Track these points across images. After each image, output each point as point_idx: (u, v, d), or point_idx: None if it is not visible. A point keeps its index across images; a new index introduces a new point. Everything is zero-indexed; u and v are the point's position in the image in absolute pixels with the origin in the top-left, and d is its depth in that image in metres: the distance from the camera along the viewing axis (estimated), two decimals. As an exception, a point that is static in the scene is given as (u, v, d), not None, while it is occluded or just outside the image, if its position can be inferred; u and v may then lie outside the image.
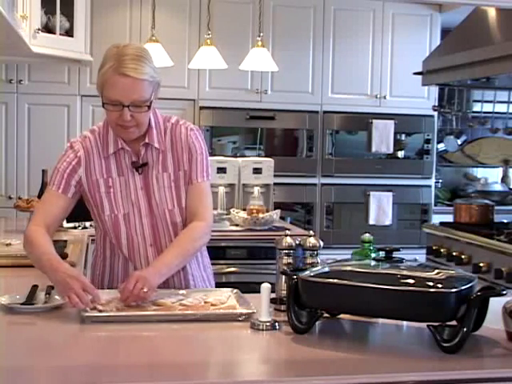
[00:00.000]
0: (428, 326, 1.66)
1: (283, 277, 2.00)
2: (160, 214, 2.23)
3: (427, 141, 5.56)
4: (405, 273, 1.71)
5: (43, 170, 3.92)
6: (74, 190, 2.22)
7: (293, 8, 5.31)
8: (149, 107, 2.13)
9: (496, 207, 4.19)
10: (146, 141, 2.22)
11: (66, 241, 3.15)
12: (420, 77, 4.27)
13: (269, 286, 1.82)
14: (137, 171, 2.22)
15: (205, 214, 2.26)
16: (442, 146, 5.98)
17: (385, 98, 5.48)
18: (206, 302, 1.99)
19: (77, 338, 1.78)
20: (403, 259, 1.81)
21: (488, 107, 4.52)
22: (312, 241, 2.03)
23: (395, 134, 5.44)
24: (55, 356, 1.61)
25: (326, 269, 1.83)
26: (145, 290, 1.95)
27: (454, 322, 1.65)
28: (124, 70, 2.07)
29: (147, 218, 2.23)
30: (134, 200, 2.23)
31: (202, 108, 5.21)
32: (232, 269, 3.78)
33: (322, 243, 2.05)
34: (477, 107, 4.92)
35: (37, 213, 2.25)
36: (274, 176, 4.32)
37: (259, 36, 4.42)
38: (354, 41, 5.42)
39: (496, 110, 4.45)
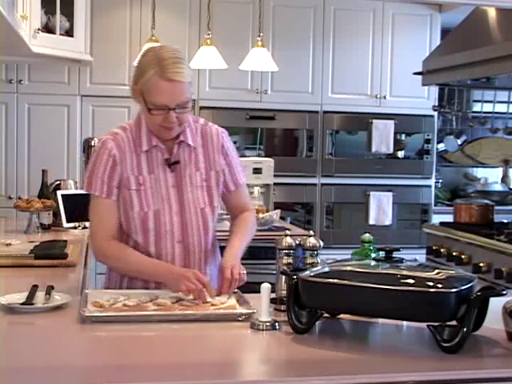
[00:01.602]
0: (428, 326, 1.66)
1: (283, 277, 2.00)
2: (192, 212, 2.26)
3: (427, 141, 5.56)
4: (405, 273, 1.71)
5: (43, 170, 3.93)
6: (116, 192, 2.24)
7: (293, 8, 5.32)
8: (192, 106, 2.22)
9: (496, 207, 4.19)
10: (181, 138, 2.25)
11: (65, 241, 3.15)
12: (420, 77, 4.27)
13: (269, 286, 1.82)
14: (169, 168, 2.25)
15: (249, 205, 2.46)
16: (442, 146, 5.98)
17: (385, 98, 5.48)
18: (206, 302, 1.99)
19: (77, 338, 1.78)
20: (403, 259, 1.81)
21: (488, 107, 4.52)
22: (312, 241, 2.03)
23: (395, 134, 5.44)
24: (55, 356, 1.61)
25: (326, 269, 1.83)
26: (242, 271, 2.10)
27: (454, 322, 1.65)
28: (169, 76, 2.11)
29: (177, 216, 2.25)
30: (164, 197, 2.24)
31: (202, 108, 5.21)
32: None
33: (322, 243, 2.05)
34: (477, 107, 4.92)
35: (97, 226, 2.27)
36: (274, 176, 4.32)
37: (259, 36, 4.42)
38: (354, 41, 5.42)
39: (496, 110, 4.45)
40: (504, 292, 1.67)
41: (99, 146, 2.26)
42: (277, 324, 1.79)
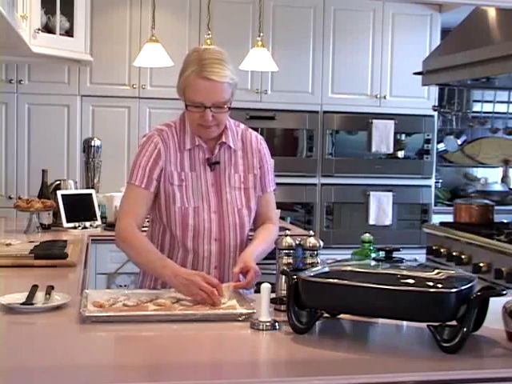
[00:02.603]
0: (428, 326, 1.66)
1: (283, 277, 2.00)
2: (229, 212, 2.31)
3: (427, 141, 5.56)
4: (405, 273, 1.71)
5: (43, 170, 3.93)
6: (155, 184, 2.28)
7: (293, 8, 5.31)
8: (229, 108, 2.25)
9: (496, 207, 4.19)
10: (223, 140, 2.31)
11: (65, 241, 3.15)
12: (420, 77, 4.27)
13: (269, 286, 1.82)
14: (209, 167, 2.30)
15: (274, 218, 2.47)
16: (442, 146, 5.98)
17: (385, 98, 5.48)
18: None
19: (77, 338, 1.78)
20: (403, 259, 1.81)
21: (488, 107, 4.52)
22: (312, 241, 2.03)
23: (395, 134, 5.44)
24: (55, 356, 1.61)
25: (326, 269, 1.83)
26: (254, 283, 2.14)
27: (454, 322, 1.65)
28: (206, 74, 2.17)
29: (216, 214, 2.30)
30: (204, 195, 2.30)
31: (202, 108, 5.20)
32: (232, 269, 3.77)
33: (322, 243, 2.06)
34: (477, 107, 4.93)
35: (126, 211, 2.28)
36: (274, 176, 4.30)
37: (259, 36, 4.42)
38: (354, 41, 5.42)
39: (496, 110, 4.45)
40: (504, 292, 1.67)
41: (145, 140, 2.32)
42: (277, 324, 1.79)
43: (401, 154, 5.60)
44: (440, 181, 5.97)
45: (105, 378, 1.49)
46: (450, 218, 4.25)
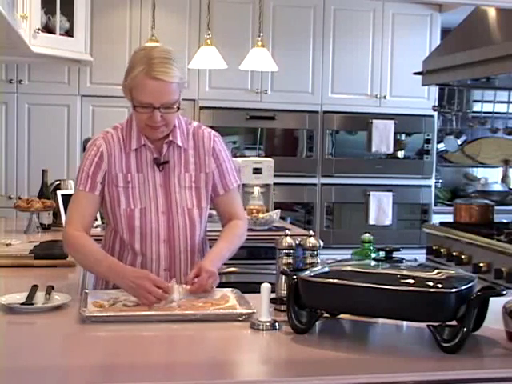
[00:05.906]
0: (428, 326, 1.66)
1: (283, 277, 2.00)
2: (179, 213, 2.26)
3: (427, 141, 5.56)
4: (405, 273, 1.71)
5: (43, 170, 3.93)
6: (100, 187, 2.24)
7: (293, 8, 5.31)
8: (178, 108, 2.20)
9: (496, 207, 4.19)
10: (170, 139, 2.26)
11: (66, 241, 3.14)
12: (420, 77, 4.27)
13: (269, 286, 1.82)
14: (158, 167, 2.25)
15: (241, 214, 2.41)
16: (442, 146, 5.98)
17: (385, 98, 5.48)
18: (205, 302, 1.99)
19: (77, 338, 1.78)
20: (403, 259, 1.81)
21: (488, 107, 4.52)
22: (312, 241, 2.03)
23: (395, 134, 5.44)
24: (55, 356, 1.61)
25: (326, 269, 1.83)
26: (213, 286, 2.09)
27: (454, 322, 1.65)
28: (155, 74, 2.12)
29: (164, 215, 2.25)
30: (151, 196, 2.25)
31: (201, 108, 5.21)
32: (232, 269, 3.77)
33: (322, 243, 2.06)
34: (477, 107, 4.93)
35: (71, 216, 2.26)
36: (274, 176, 4.31)
37: (259, 36, 4.42)
38: (354, 41, 5.42)
39: (496, 110, 4.45)
40: (504, 292, 1.67)
41: (89, 144, 2.29)
42: (277, 324, 1.80)
43: (401, 153, 5.60)
44: (440, 181, 5.97)
45: (105, 377, 1.49)
46: (450, 218, 4.25)
